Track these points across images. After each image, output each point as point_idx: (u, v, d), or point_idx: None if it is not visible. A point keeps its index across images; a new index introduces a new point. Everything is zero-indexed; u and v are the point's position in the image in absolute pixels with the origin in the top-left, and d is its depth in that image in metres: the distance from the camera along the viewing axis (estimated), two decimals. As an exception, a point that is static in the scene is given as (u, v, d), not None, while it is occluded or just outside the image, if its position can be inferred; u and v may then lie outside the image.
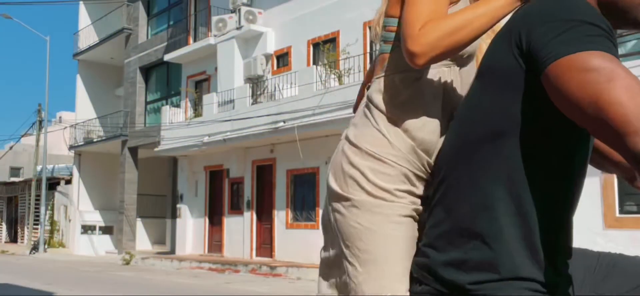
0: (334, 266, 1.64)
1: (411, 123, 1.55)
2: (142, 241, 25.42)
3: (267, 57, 18.79)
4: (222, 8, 20.28)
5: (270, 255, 18.15)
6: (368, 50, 16.06)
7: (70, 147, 28.29)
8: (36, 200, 29.67)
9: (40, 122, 29.65)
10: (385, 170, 1.54)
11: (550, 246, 1.32)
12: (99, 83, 28.59)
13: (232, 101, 18.60)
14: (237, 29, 19.09)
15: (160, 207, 25.86)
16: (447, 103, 1.57)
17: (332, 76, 15.86)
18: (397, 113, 1.56)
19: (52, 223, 28.56)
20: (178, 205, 22.06)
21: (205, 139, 18.82)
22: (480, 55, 1.62)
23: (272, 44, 18.84)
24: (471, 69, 1.63)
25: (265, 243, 18.67)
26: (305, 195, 17.44)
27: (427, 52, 1.39)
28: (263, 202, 18.87)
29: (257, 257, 18.61)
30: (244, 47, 19.39)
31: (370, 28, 16.06)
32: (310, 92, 15.71)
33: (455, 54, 1.51)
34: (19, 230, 34.18)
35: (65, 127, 29.81)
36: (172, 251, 22.79)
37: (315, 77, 15.84)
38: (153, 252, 23.72)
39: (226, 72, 19.44)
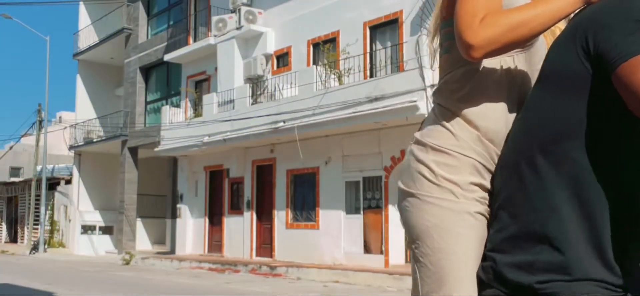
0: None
1: (474, 113, 1.53)
2: (142, 241, 25.42)
3: (267, 57, 18.78)
4: (222, 8, 20.28)
5: (270, 255, 18.14)
6: (368, 50, 16.05)
7: (70, 147, 28.28)
8: (36, 200, 29.66)
9: (40, 122, 29.65)
10: (450, 161, 1.52)
11: (619, 249, 1.31)
12: (99, 83, 28.58)
13: (232, 101, 18.59)
14: (237, 29, 19.09)
15: (160, 207, 25.86)
16: (513, 91, 1.55)
17: (332, 76, 15.85)
18: (461, 106, 1.55)
19: (52, 223, 28.55)
20: (178, 205, 22.06)
21: (205, 139, 18.82)
22: (547, 37, 1.61)
23: (272, 44, 18.83)
24: (541, 48, 1.60)
25: (265, 243, 18.66)
26: (305, 195, 17.44)
27: (485, 46, 1.38)
28: (263, 202, 18.87)
29: (257, 257, 18.61)
30: (244, 47, 19.39)
31: (370, 28, 16.06)
32: (310, 92, 15.71)
33: (511, 50, 1.49)
34: (19, 230, 34.17)
35: (65, 127, 29.80)
36: (172, 251, 22.78)
37: (315, 77, 15.83)
38: (153, 252, 23.71)
39: (226, 72, 19.44)
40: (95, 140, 26.73)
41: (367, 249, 15.61)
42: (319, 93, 15.40)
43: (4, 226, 36.21)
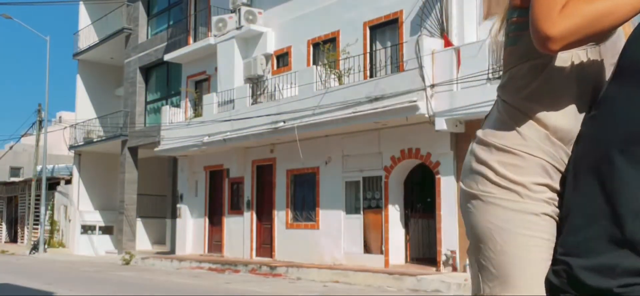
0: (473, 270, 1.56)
1: (543, 111, 1.45)
2: (142, 241, 25.42)
3: (267, 57, 18.79)
4: (222, 8, 20.28)
5: (270, 255, 18.14)
6: (368, 50, 16.05)
7: (70, 147, 28.28)
8: (36, 200, 29.66)
9: (40, 122, 29.65)
10: (516, 162, 1.45)
11: None
12: (99, 83, 28.58)
13: (232, 101, 18.59)
14: (237, 29, 19.08)
15: (160, 207, 25.85)
16: (585, 87, 1.46)
17: (332, 76, 15.85)
18: (527, 104, 1.47)
19: (52, 223, 28.55)
20: (178, 205, 22.06)
21: (205, 139, 18.82)
22: (625, 28, 1.51)
23: (272, 44, 18.83)
24: (618, 41, 1.49)
25: (265, 243, 18.66)
26: (305, 195, 17.44)
27: (566, 37, 1.29)
28: (263, 202, 18.87)
29: (257, 257, 18.61)
30: (244, 47, 19.38)
31: (370, 28, 16.06)
32: (310, 92, 15.71)
33: (591, 42, 1.41)
34: (19, 230, 34.17)
35: (65, 127, 29.80)
36: (172, 251, 22.78)
37: (315, 77, 15.83)
38: (153, 252, 23.71)
39: (226, 72, 19.44)
40: (95, 140, 26.73)
41: (367, 249, 15.61)
42: (319, 93, 15.40)
43: (4, 226, 36.21)
